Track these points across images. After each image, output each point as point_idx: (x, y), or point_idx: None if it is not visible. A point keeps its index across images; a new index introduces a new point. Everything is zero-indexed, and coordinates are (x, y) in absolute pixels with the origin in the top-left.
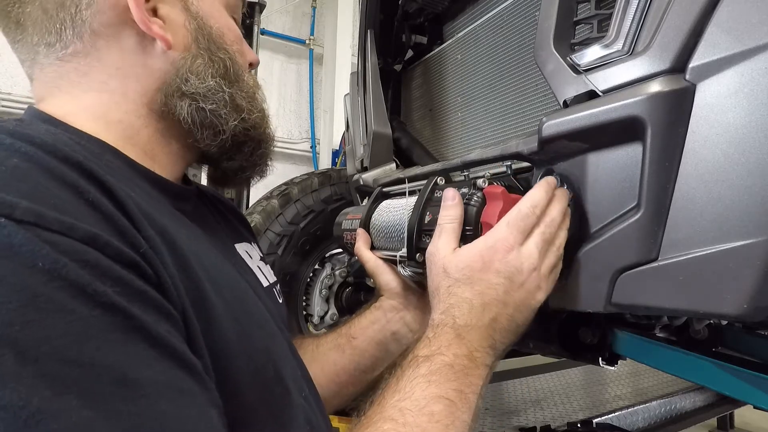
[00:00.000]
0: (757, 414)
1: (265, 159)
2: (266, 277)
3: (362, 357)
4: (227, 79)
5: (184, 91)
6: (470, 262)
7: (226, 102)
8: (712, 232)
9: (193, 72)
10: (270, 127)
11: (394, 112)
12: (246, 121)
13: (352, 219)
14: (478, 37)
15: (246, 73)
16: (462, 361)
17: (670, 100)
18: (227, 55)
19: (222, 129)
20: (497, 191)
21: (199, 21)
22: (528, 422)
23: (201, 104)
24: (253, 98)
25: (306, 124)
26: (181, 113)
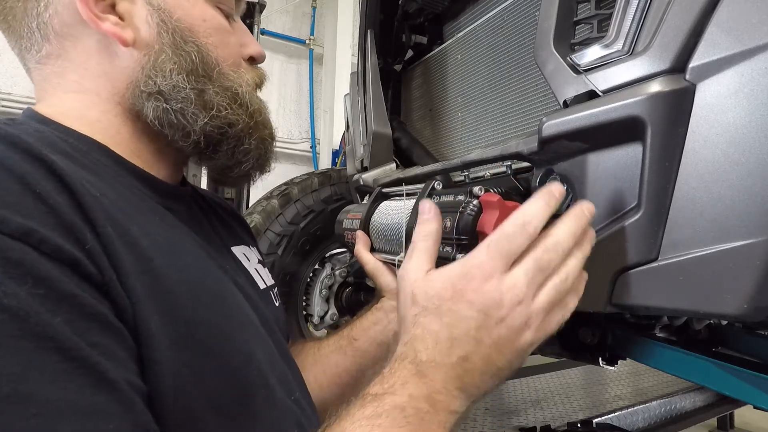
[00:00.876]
0: (757, 414)
1: (252, 156)
2: (263, 279)
3: (364, 358)
4: (195, 75)
5: (150, 90)
6: (441, 289)
7: (192, 100)
8: (712, 232)
9: (157, 69)
10: (263, 122)
11: (394, 112)
12: (217, 119)
13: (353, 218)
14: (478, 37)
15: (231, 66)
16: (418, 403)
17: (670, 100)
18: (195, 49)
19: (191, 129)
20: (493, 199)
21: (162, 14)
22: (528, 422)
23: (166, 104)
24: (235, 94)
25: (306, 124)
26: (147, 114)
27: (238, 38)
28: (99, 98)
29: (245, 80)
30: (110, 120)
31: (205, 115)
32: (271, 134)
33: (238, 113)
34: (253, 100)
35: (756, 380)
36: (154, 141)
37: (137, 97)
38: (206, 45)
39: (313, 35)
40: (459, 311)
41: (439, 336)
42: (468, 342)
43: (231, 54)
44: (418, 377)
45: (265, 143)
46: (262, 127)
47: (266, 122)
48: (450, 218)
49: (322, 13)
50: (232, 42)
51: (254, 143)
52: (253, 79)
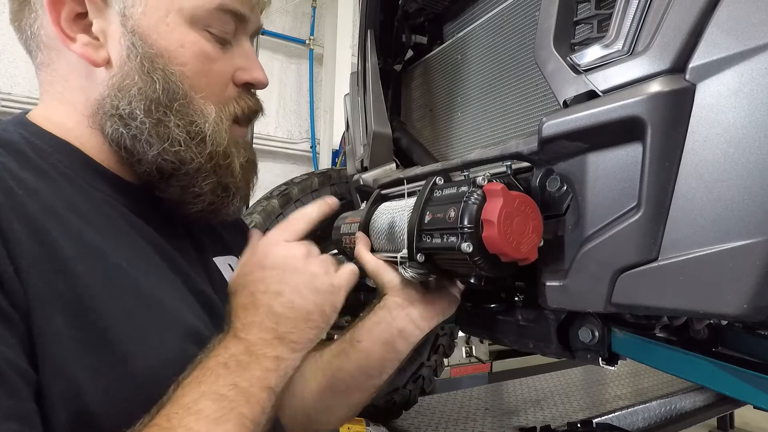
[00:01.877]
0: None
1: (203, 200)
2: None
3: (368, 359)
4: (156, 103)
5: (110, 111)
6: (242, 270)
7: (147, 129)
8: (712, 232)
9: (122, 92)
10: (228, 167)
11: (394, 112)
12: (169, 153)
13: (350, 223)
14: (478, 37)
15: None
16: (238, 357)
17: (670, 100)
18: (161, 77)
19: (144, 157)
20: (497, 188)
21: (134, 37)
22: (528, 422)
23: (122, 128)
24: (198, 130)
25: (306, 124)
26: (107, 133)
27: (231, 63)
28: (75, 110)
29: (219, 114)
30: (83, 131)
31: (158, 146)
32: (237, 184)
33: (194, 152)
34: (219, 140)
35: (756, 380)
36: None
37: (101, 116)
38: (178, 73)
39: (313, 35)
40: (256, 276)
41: (246, 303)
42: (270, 296)
43: (211, 83)
44: (235, 340)
45: (225, 190)
46: (224, 172)
47: (232, 168)
48: (454, 208)
49: (322, 13)
50: (215, 70)
51: (207, 188)
52: (234, 112)
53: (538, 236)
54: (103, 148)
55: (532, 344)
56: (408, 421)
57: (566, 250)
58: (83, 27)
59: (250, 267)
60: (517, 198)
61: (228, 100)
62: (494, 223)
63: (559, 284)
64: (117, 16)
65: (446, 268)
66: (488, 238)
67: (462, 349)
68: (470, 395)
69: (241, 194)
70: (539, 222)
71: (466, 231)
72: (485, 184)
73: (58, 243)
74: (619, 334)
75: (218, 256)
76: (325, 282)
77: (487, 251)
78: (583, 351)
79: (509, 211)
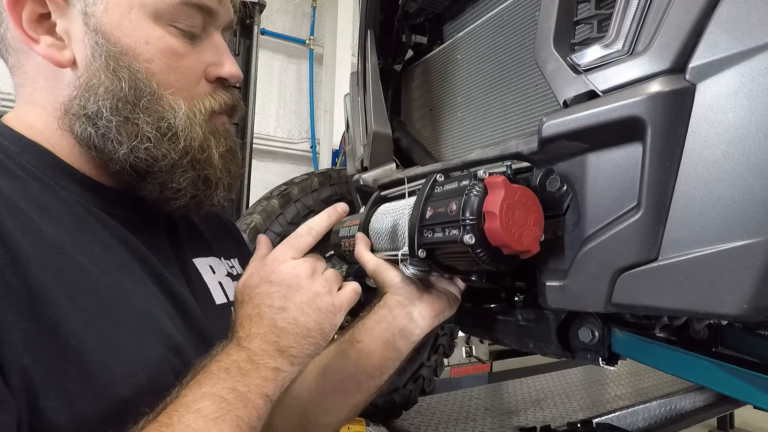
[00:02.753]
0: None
1: (184, 195)
2: (226, 294)
3: (369, 359)
4: (123, 101)
5: (78, 112)
6: (248, 282)
7: (115, 127)
8: (712, 232)
9: (89, 91)
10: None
11: (394, 112)
12: (138, 151)
13: (349, 226)
14: (478, 37)
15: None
16: (240, 364)
17: (670, 100)
18: (127, 74)
19: (115, 156)
20: (498, 180)
21: (97, 37)
22: (528, 422)
23: (90, 128)
24: (168, 126)
25: (306, 124)
26: (76, 133)
27: (201, 58)
28: (44, 111)
29: (190, 109)
30: (51, 132)
31: (128, 144)
32: (217, 174)
33: (167, 148)
34: (193, 135)
35: (756, 380)
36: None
37: (70, 117)
38: (144, 70)
39: (313, 35)
40: (263, 291)
41: (251, 314)
42: (274, 311)
43: (180, 79)
44: (238, 348)
45: (206, 182)
46: (202, 166)
47: (210, 160)
48: (455, 202)
49: (322, 13)
50: (183, 66)
51: (186, 182)
52: (210, 107)
53: (539, 229)
54: (74, 150)
55: (532, 344)
56: (408, 421)
57: (566, 250)
58: (47, 28)
59: (257, 280)
60: (518, 190)
61: (202, 96)
62: (496, 215)
63: (559, 284)
64: (79, 15)
65: (448, 264)
66: (490, 229)
67: (462, 349)
68: (470, 395)
69: (223, 184)
70: (540, 215)
71: (468, 223)
72: (486, 177)
73: (14, 237)
74: (619, 334)
75: (198, 257)
76: (327, 302)
77: (489, 243)
78: (583, 351)
79: (511, 203)
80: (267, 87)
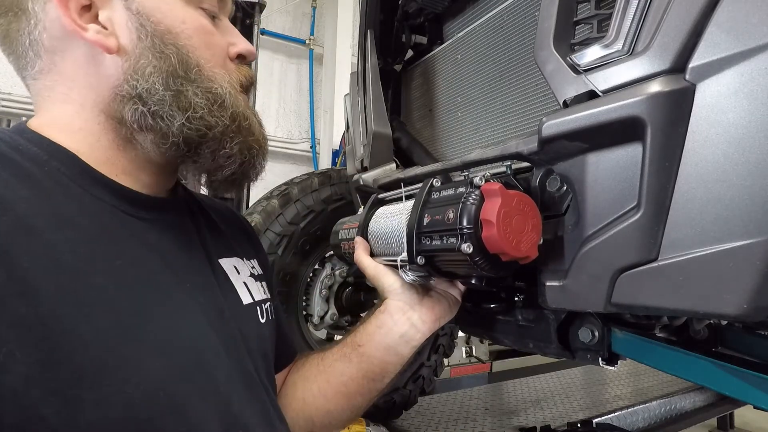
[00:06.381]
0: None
1: (234, 160)
2: (251, 294)
3: (370, 364)
4: (174, 77)
5: (129, 94)
6: None
7: (168, 101)
8: (712, 232)
9: (137, 73)
10: (249, 127)
11: (394, 112)
12: (194, 120)
13: (349, 228)
14: (478, 37)
15: (215, 67)
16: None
17: (670, 100)
18: (174, 51)
19: (169, 131)
20: (494, 188)
21: (141, 19)
22: (528, 422)
23: (142, 107)
24: (216, 95)
25: (306, 124)
26: (127, 117)
27: (224, 38)
28: (83, 108)
29: (229, 82)
30: (91, 128)
31: (181, 116)
32: (259, 142)
33: (218, 115)
34: (237, 103)
35: (756, 380)
36: (134, 149)
37: (119, 103)
38: (186, 47)
39: (313, 35)
40: None
41: None
42: None
43: (215, 54)
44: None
45: (250, 150)
46: (247, 132)
47: (252, 128)
48: (452, 209)
49: (322, 13)
50: (215, 42)
51: (237, 147)
52: (239, 80)
53: (537, 234)
54: (110, 150)
55: (532, 344)
56: (408, 421)
57: (566, 250)
58: (90, 19)
59: None
60: (515, 197)
61: (231, 71)
62: (493, 223)
63: (559, 284)
64: (120, 1)
65: (447, 270)
66: (488, 237)
67: (462, 349)
68: (470, 395)
69: (263, 151)
70: (538, 220)
71: (465, 231)
72: (483, 184)
73: (23, 265)
74: (619, 334)
75: (223, 258)
76: None
77: (488, 251)
78: (583, 351)
79: (508, 210)
80: (267, 87)
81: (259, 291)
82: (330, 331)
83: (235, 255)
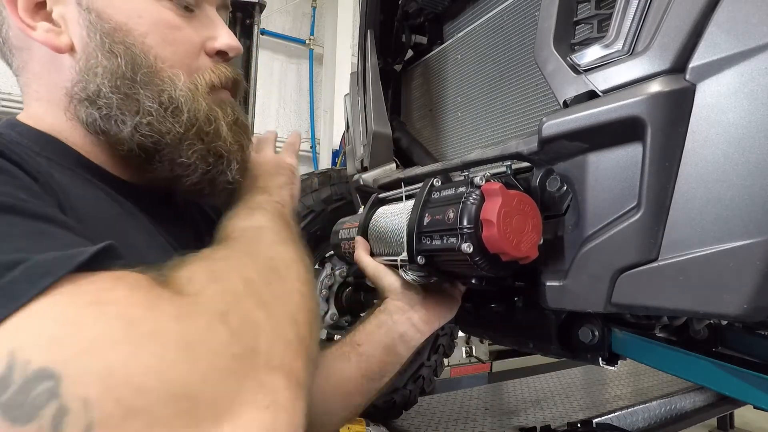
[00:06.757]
0: (757, 414)
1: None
2: None
3: (369, 363)
4: (122, 78)
5: (80, 96)
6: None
7: (116, 105)
8: (712, 232)
9: (89, 74)
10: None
11: (394, 112)
12: (141, 127)
13: (349, 228)
14: (478, 37)
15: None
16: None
17: (670, 100)
18: (122, 50)
19: (121, 137)
20: (495, 187)
21: (90, 15)
22: (528, 422)
23: (94, 110)
24: (169, 99)
25: (306, 124)
26: (82, 120)
27: (198, 32)
28: (51, 105)
29: (190, 83)
30: (62, 126)
31: (131, 121)
32: (228, 147)
33: (170, 121)
34: (198, 108)
35: (756, 380)
36: (110, 147)
37: (75, 104)
38: (140, 44)
39: (313, 35)
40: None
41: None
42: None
43: (177, 52)
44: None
45: (217, 157)
46: (212, 137)
47: (219, 131)
48: (453, 209)
49: (322, 13)
50: (180, 38)
51: (195, 156)
52: (209, 81)
53: (537, 234)
54: (86, 142)
55: (532, 344)
56: (408, 421)
57: (566, 250)
58: (44, 17)
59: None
60: (515, 197)
61: (202, 70)
62: (494, 223)
63: (559, 284)
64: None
65: (447, 270)
66: (488, 237)
67: (462, 349)
68: (470, 395)
69: (236, 158)
70: (538, 220)
71: (465, 231)
72: (483, 184)
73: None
74: (619, 334)
75: None
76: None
77: (488, 251)
78: (583, 351)
79: (508, 210)
80: (267, 87)
81: None
82: (330, 331)
83: None
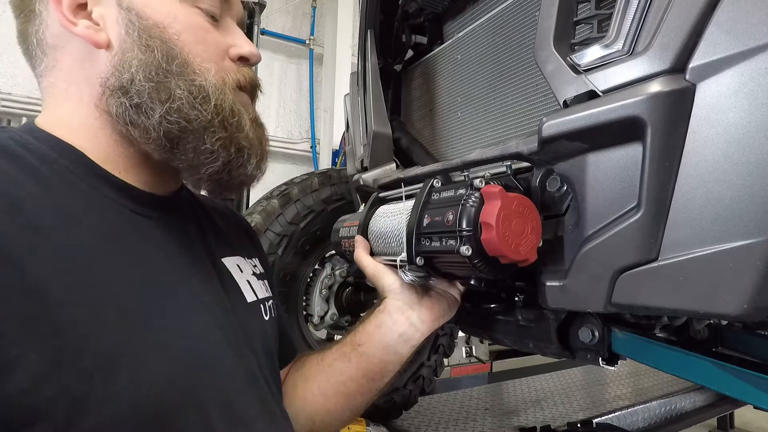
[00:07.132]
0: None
1: (216, 158)
2: (254, 292)
3: (369, 363)
4: (156, 68)
5: (114, 86)
6: None
7: (148, 93)
8: (712, 232)
9: (123, 66)
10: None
11: (394, 112)
12: (173, 112)
13: (349, 226)
14: (478, 37)
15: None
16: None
17: (670, 100)
18: (159, 43)
19: (149, 125)
20: (494, 190)
21: (130, 14)
22: (528, 422)
23: (126, 100)
24: (200, 87)
25: (306, 124)
26: (112, 111)
27: (223, 38)
28: (81, 104)
29: (220, 77)
30: (90, 124)
31: (161, 107)
32: (250, 140)
33: (199, 108)
34: (225, 99)
35: (756, 380)
36: (131, 146)
37: (108, 96)
38: (173, 40)
39: (313, 35)
40: None
41: None
42: None
43: (208, 51)
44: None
45: (238, 149)
46: (234, 129)
47: (239, 126)
48: (452, 211)
49: (322, 13)
50: (210, 39)
51: (218, 143)
52: (236, 79)
53: (537, 237)
54: (109, 146)
55: (532, 344)
56: (408, 421)
57: (566, 251)
58: (84, 17)
59: None
60: (515, 199)
61: (228, 70)
62: (492, 226)
63: (559, 284)
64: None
65: (446, 271)
66: (487, 240)
67: (462, 349)
68: (470, 395)
69: (255, 153)
70: (538, 223)
71: (464, 234)
72: (483, 186)
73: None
74: (619, 334)
75: (226, 257)
76: None
77: (486, 254)
78: (583, 351)
79: (507, 213)
80: (267, 87)
81: (261, 289)
82: (330, 331)
83: (238, 254)
